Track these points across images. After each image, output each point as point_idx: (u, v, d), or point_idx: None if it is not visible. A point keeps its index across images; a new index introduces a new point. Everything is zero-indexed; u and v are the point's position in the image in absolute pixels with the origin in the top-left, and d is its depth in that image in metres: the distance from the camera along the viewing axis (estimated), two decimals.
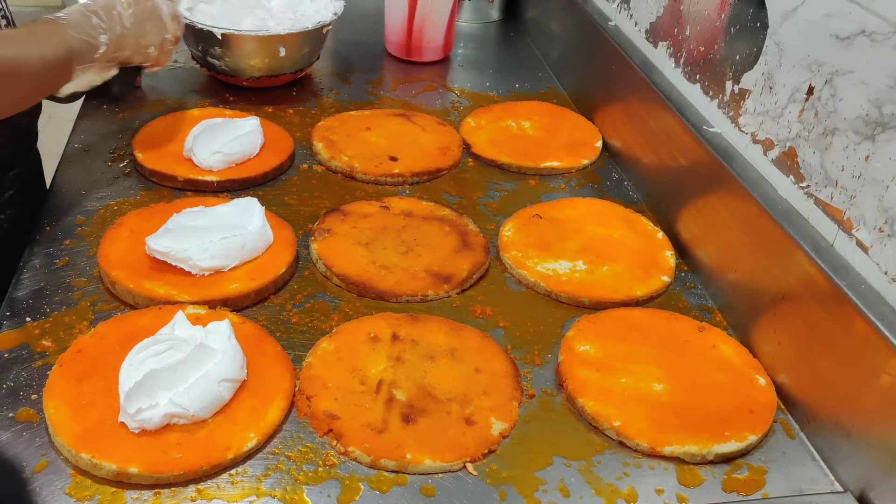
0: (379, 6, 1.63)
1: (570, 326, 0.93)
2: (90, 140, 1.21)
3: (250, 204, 0.99)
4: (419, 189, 1.19)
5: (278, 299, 0.95)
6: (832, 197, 0.84)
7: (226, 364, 0.77)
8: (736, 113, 1.02)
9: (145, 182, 1.13)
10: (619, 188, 1.24)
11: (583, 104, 1.45)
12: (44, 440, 0.75)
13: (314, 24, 1.36)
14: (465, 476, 0.76)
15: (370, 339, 0.88)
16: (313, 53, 1.42)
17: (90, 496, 0.70)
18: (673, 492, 0.76)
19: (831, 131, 0.84)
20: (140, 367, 0.76)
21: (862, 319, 0.75)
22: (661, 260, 1.06)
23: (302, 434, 0.78)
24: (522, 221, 1.10)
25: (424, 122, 1.31)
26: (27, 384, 0.80)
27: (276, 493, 0.72)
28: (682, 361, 0.89)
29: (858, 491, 0.76)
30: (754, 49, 0.98)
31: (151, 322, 0.85)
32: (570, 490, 0.75)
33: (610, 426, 0.81)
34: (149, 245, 0.93)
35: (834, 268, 0.81)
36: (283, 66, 1.37)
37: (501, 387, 0.84)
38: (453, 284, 0.99)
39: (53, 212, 1.04)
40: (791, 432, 0.84)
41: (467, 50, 1.69)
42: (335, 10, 1.41)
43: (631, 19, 1.32)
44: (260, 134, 1.18)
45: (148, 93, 1.36)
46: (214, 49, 1.32)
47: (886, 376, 0.72)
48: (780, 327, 0.88)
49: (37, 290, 0.92)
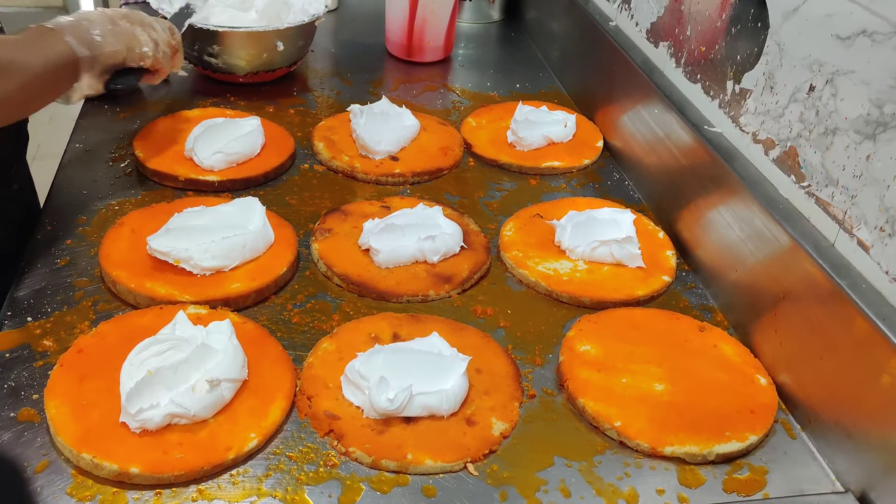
0: (379, 6, 1.63)
1: (570, 326, 0.93)
2: (91, 140, 1.21)
3: (251, 204, 0.99)
4: (420, 189, 1.19)
5: (279, 299, 0.95)
6: (833, 196, 0.84)
7: (227, 364, 0.77)
8: (737, 113, 1.02)
9: (146, 182, 1.13)
10: (620, 188, 1.24)
11: (584, 104, 1.45)
12: (45, 440, 0.75)
13: (309, 17, 1.38)
14: (465, 476, 0.76)
15: (371, 339, 0.88)
16: (307, 45, 1.44)
17: (91, 496, 0.70)
18: (674, 492, 0.76)
19: (832, 131, 0.84)
20: (141, 367, 0.76)
21: (863, 319, 0.75)
22: (662, 259, 1.06)
23: (303, 434, 0.78)
24: (523, 221, 1.10)
25: (425, 122, 1.31)
26: (28, 384, 0.80)
27: (277, 493, 0.72)
28: (683, 361, 0.89)
29: (859, 491, 0.76)
30: (755, 49, 0.98)
31: (152, 322, 0.85)
32: (571, 490, 0.75)
33: (611, 426, 0.81)
34: (150, 245, 0.93)
35: (835, 267, 0.81)
36: (279, 60, 1.38)
37: (502, 387, 0.84)
38: (454, 284, 0.99)
39: (55, 211, 1.05)
40: (792, 432, 0.84)
41: (468, 50, 1.69)
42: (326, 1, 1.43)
43: (632, 19, 1.32)
44: (261, 134, 1.18)
45: (149, 93, 1.36)
46: (212, 47, 1.33)
47: (887, 376, 0.72)
48: (781, 327, 0.88)
49: (38, 289, 0.92)
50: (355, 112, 1.24)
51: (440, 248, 1.00)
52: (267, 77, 1.40)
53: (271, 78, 1.41)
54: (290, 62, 1.42)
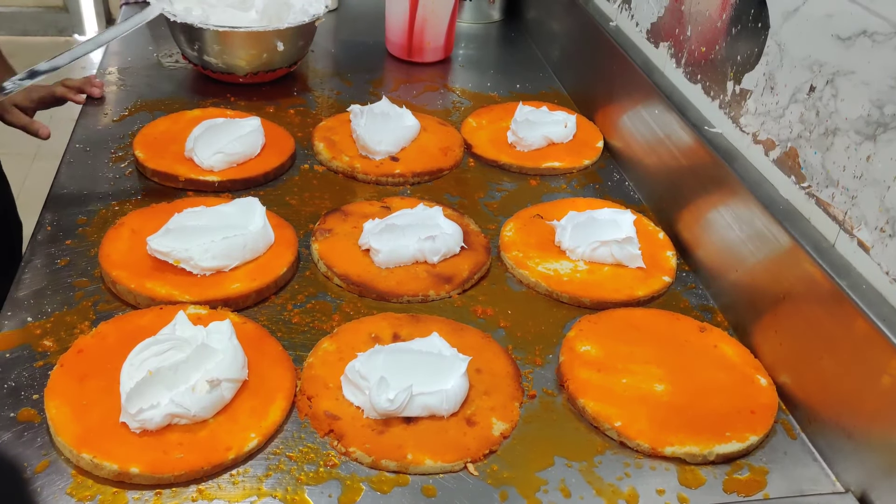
0: (379, 6, 1.63)
1: (571, 326, 0.93)
2: (92, 140, 1.21)
3: (251, 204, 0.99)
4: (420, 189, 1.19)
5: (279, 299, 0.95)
6: (833, 197, 0.84)
7: (227, 364, 0.77)
8: (737, 113, 1.02)
9: (146, 182, 1.13)
10: (620, 188, 1.24)
11: (584, 104, 1.45)
12: (45, 440, 0.75)
13: (310, 17, 1.38)
14: (466, 476, 0.76)
15: (371, 340, 0.88)
16: (307, 45, 1.45)
17: (91, 496, 0.70)
18: (674, 492, 0.76)
19: (832, 131, 0.84)
20: (141, 368, 0.76)
21: (863, 320, 0.75)
22: (662, 260, 1.06)
23: (303, 434, 0.78)
24: (523, 222, 1.10)
25: (426, 123, 1.31)
26: (28, 384, 0.80)
27: (277, 493, 0.72)
28: (684, 362, 0.89)
29: (860, 491, 0.76)
30: (755, 49, 0.98)
31: (153, 322, 0.85)
32: (571, 490, 0.75)
33: (611, 426, 0.81)
34: (150, 245, 0.93)
35: (835, 268, 0.81)
36: (279, 60, 1.38)
37: (502, 387, 0.84)
38: (454, 285, 0.99)
39: (55, 212, 1.05)
40: (792, 433, 0.84)
41: (468, 50, 1.69)
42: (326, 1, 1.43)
43: (632, 20, 1.32)
44: (261, 134, 1.18)
45: (149, 93, 1.36)
46: (212, 47, 1.33)
47: (887, 377, 0.72)
48: (781, 327, 0.88)
49: (38, 289, 0.92)
50: (355, 112, 1.24)
51: (440, 249, 1.00)
52: (267, 77, 1.40)
53: (271, 78, 1.42)
54: (290, 62, 1.42)
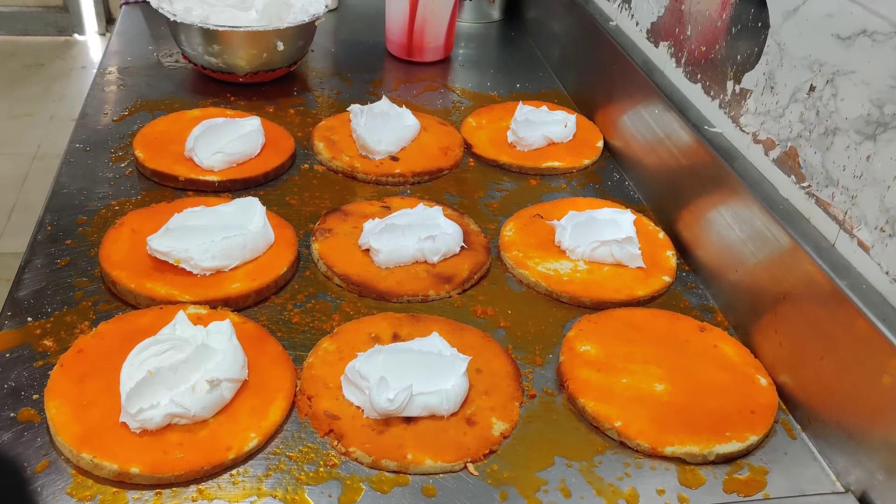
0: (379, 6, 1.63)
1: (571, 326, 0.93)
2: (92, 140, 1.21)
3: (251, 204, 0.99)
4: (420, 189, 1.19)
5: (279, 299, 0.95)
6: (833, 197, 0.84)
7: (227, 364, 0.77)
8: (737, 113, 1.02)
9: (146, 182, 1.13)
10: (621, 188, 1.24)
11: (584, 104, 1.45)
12: (45, 440, 0.75)
13: (310, 17, 1.38)
14: (466, 476, 0.76)
15: (371, 339, 0.88)
16: (307, 45, 1.44)
17: (91, 496, 0.70)
18: (674, 492, 0.76)
19: (832, 131, 0.84)
20: (141, 367, 0.76)
21: (863, 320, 0.75)
22: (663, 260, 1.06)
23: (303, 434, 0.78)
24: (523, 221, 1.10)
25: (426, 122, 1.31)
26: (28, 384, 0.80)
27: (278, 493, 0.72)
28: (684, 361, 0.89)
29: (860, 491, 0.76)
30: (755, 49, 0.98)
31: (152, 322, 0.85)
32: (572, 490, 0.75)
33: (611, 426, 0.81)
34: (150, 245, 0.93)
35: (835, 268, 0.81)
36: (279, 59, 1.38)
37: (502, 387, 0.84)
38: (454, 284, 0.99)
39: (55, 211, 1.05)
40: (792, 432, 0.84)
41: (468, 50, 1.69)
42: (326, 1, 1.44)
43: (632, 19, 1.32)
44: (261, 134, 1.18)
45: (149, 93, 1.36)
46: (212, 47, 1.33)
47: (888, 376, 0.72)
48: (781, 327, 0.88)
49: (38, 289, 0.92)
50: (355, 112, 1.24)
51: (440, 249, 1.00)
52: (267, 77, 1.40)
53: (271, 78, 1.42)
54: (290, 62, 1.42)
